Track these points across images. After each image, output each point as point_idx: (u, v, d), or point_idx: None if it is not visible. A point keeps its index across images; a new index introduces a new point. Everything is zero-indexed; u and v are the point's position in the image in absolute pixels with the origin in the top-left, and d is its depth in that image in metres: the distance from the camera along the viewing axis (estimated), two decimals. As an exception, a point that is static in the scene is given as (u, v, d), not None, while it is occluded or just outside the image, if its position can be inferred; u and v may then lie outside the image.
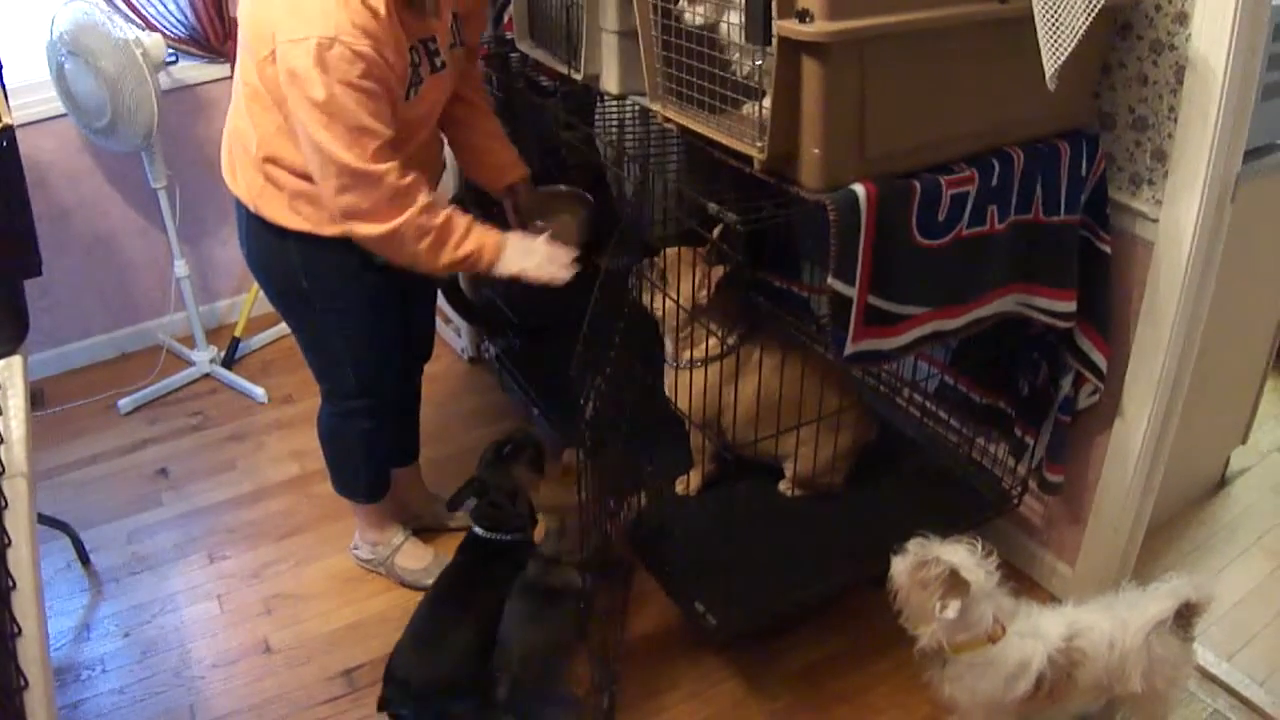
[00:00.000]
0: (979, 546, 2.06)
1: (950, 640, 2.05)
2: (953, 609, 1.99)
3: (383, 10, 2.02)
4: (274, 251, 2.35)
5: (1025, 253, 2.20)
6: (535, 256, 2.27)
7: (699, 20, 1.98)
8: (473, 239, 2.20)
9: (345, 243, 2.27)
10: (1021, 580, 2.78)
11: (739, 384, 2.49)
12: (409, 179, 2.11)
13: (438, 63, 2.25)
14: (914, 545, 2.08)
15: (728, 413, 2.52)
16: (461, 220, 2.19)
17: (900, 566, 2.08)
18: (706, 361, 2.52)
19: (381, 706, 2.30)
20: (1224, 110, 2.04)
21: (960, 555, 2.02)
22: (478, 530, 2.50)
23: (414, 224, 2.12)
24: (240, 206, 2.34)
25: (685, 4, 2.00)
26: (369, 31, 2.00)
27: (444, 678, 2.27)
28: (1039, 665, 2.03)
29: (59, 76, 3.30)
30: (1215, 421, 2.98)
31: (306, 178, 2.17)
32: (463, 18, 2.37)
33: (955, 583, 2.00)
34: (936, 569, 2.01)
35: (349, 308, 2.42)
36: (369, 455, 2.74)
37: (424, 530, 2.99)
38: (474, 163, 2.65)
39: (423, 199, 2.13)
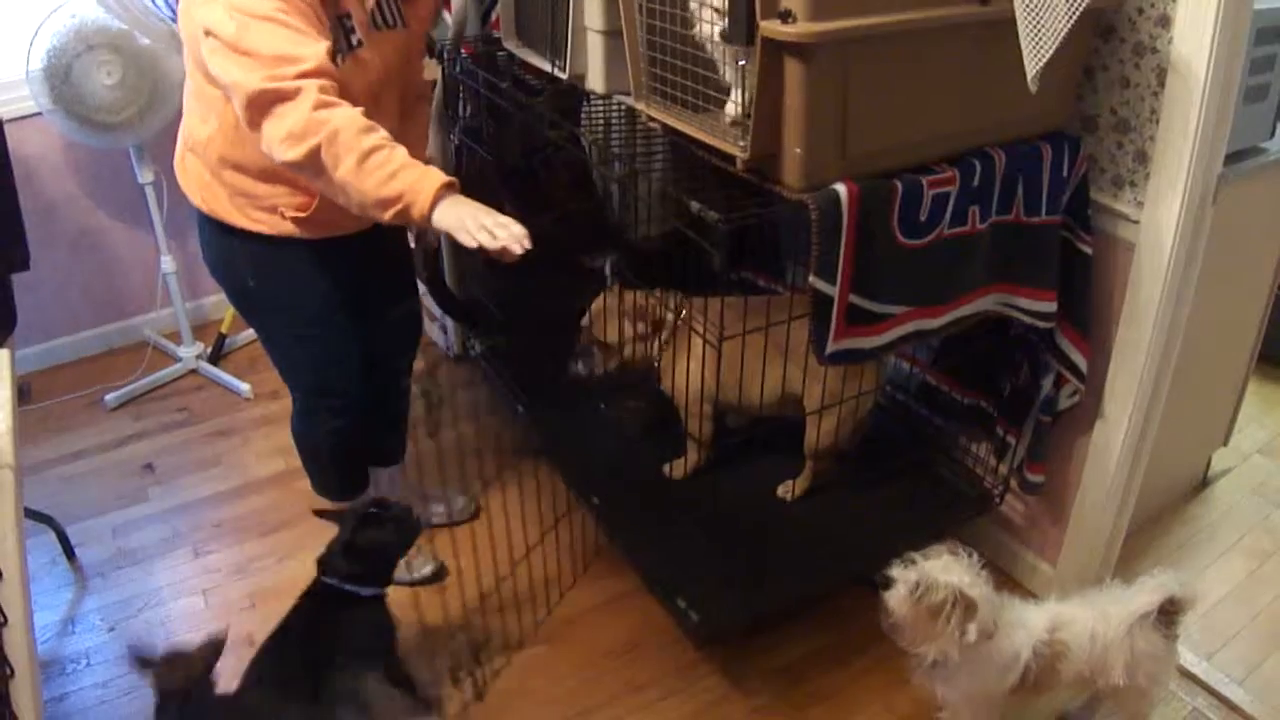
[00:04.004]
0: (961, 553, 2.04)
1: (961, 650, 2.04)
2: (972, 632, 1.97)
3: None
4: (224, 251, 2.35)
5: (1006, 253, 2.21)
6: (477, 219, 1.94)
7: (715, 31, 1.97)
8: (400, 179, 1.93)
9: (296, 245, 2.27)
10: (1002, 579, 2.79)
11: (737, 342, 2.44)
12: (335, 100, 1.93)
13: (354, 40, 2.15)
14: (901, 573, 2.02)
15: (733, 376, 2.51)
16: (396, 153, 1.95)
17: (897, 599, 2.02)
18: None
19: None
20: (1205, 113, 2.05)
21: (957, 573, 1.99)
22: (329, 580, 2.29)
23: (332, 140, 1.90)
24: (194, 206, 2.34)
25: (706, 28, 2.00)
26: None
27: None
28: (1025, 656, 2.05)
29: (64, 78, 3.28)
30: (1196, 423, 3.00)
31: (252, 176, 2.17)
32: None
33: (966, 604, 1.97)
34: (940, 594, 1.97)
35: (298, 312, 2.39)
36: (337, 455, 2.69)
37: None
38: None
39: (350, 113, 1.93)
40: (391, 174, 1.91)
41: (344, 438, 2.66)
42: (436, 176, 1.94)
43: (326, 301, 2.39)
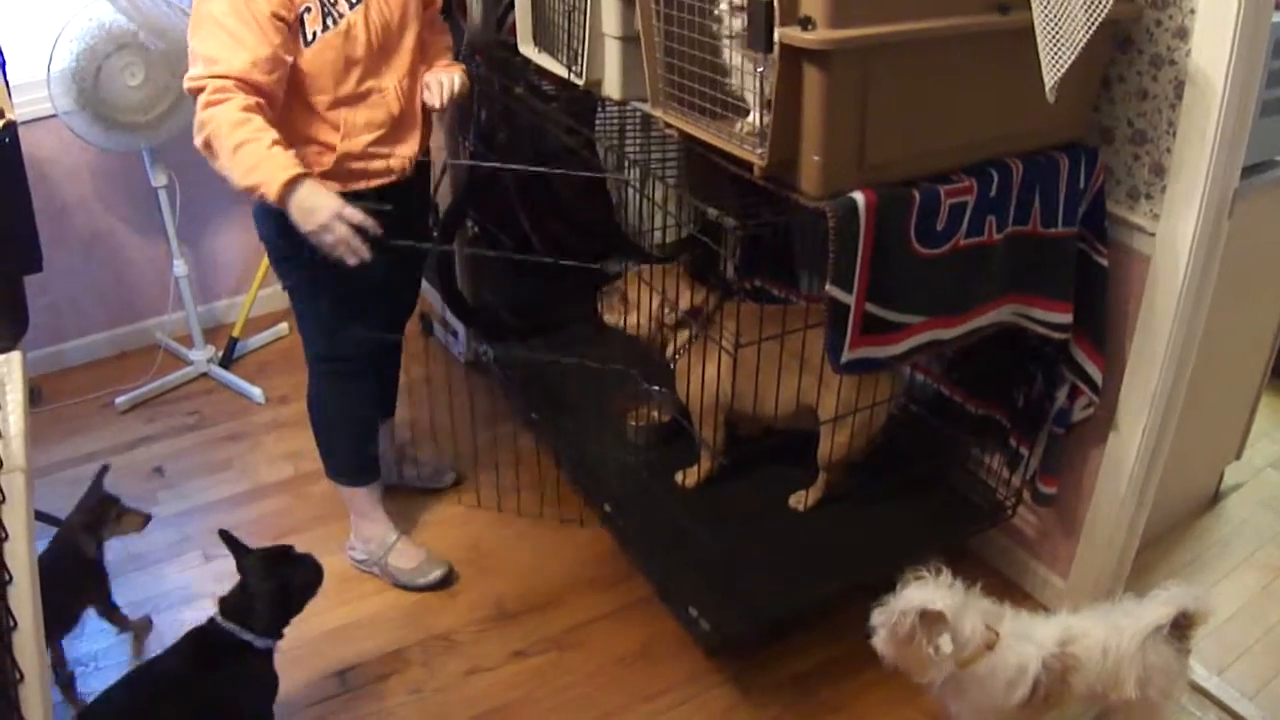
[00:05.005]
0: (929, 573, 2.05)
1: (958, 663, 2.05)
2: (945, 643, 1.99)
3: None
4: (271, 210, 2.35)
5: (1022, 264, 2.21)
6: (325, 220, 2.20)
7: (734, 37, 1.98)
8: (258, 171, 2.16)
9: None
10: (1013, 591, 2.79)
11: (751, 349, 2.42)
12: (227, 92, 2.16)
13: (337, 12, 2.30)
14: (876, 617, 2.07)
15: (748, 385, 2.51)
16: (258, 146, 2.16)
17: (880, 643, 2.07)
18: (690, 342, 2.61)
19: None
20: (1222, 125, 2.05)
21: (919, 594, 2.01)
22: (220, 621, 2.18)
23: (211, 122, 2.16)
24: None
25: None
26: None
27: None
28: (1035, 670, 2.03)
29: (93, 78, 3.29)
30: (1210, 437, 2.99)
31: (290, 141, 2.26)
32: None
33: (931, 619, 1.99)
34: (907, 619, 2.00)
35: (334, 267, 2.38)
36: (351, 416, 2.77)
37: (394, 487, 3.11)
38: None
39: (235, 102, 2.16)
40: (251, 167, 2.16)
41: (362, 400, 2.77)
42: (281, 172, 2.16)
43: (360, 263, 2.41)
